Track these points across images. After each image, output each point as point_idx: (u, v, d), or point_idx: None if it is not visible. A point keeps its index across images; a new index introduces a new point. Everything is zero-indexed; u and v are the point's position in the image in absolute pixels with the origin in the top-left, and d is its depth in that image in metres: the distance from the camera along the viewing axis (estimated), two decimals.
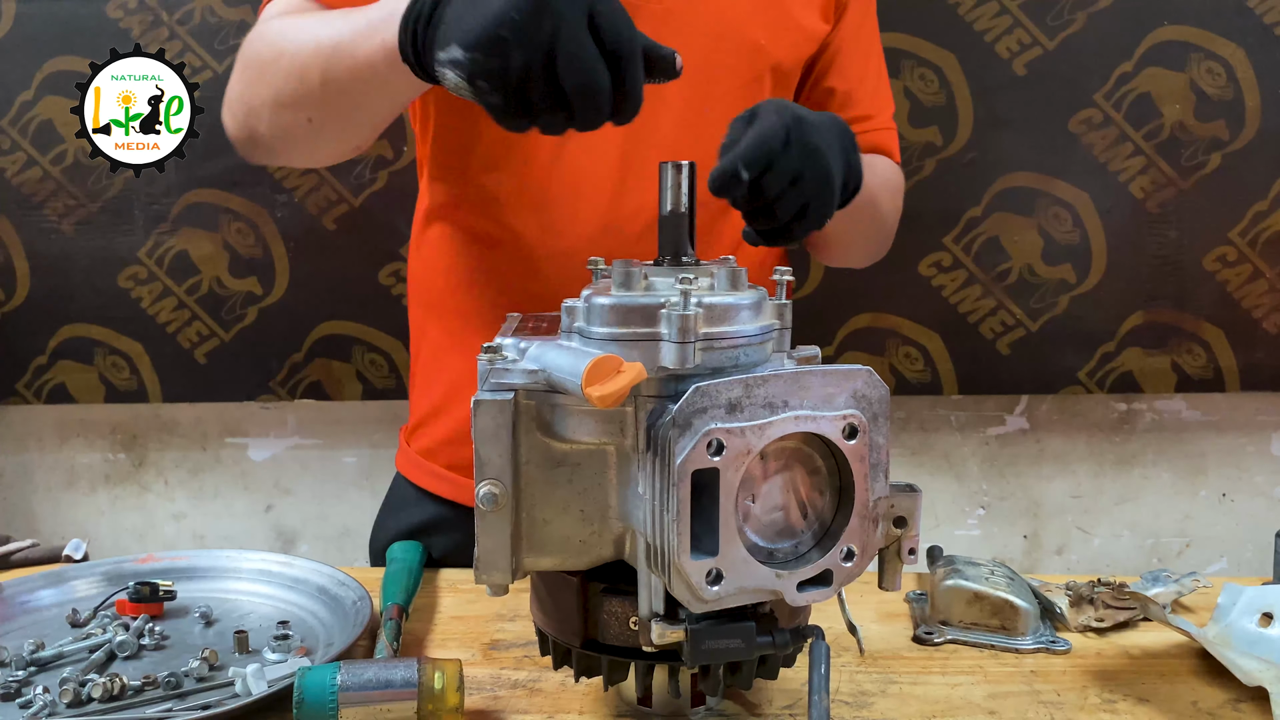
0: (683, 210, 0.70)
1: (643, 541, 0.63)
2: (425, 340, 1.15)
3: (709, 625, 0.62)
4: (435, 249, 1.11)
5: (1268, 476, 1.73)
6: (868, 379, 0.62)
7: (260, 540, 1.75)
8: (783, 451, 0.62)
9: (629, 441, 0.63)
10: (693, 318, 0.60)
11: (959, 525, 1.75)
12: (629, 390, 0.58)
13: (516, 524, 0.65)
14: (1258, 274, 1.58)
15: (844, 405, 0.62)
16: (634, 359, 0.60)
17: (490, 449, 0.63)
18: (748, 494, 0.62)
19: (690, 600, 0.60)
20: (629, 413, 0.63)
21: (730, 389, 0.59)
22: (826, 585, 0.63)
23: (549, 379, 0.62)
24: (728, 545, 0.60)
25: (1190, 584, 0.92)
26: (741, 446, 0.59)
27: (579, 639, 0.69)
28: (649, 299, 0.62)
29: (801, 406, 0.61)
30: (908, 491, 0.66)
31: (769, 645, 0.64)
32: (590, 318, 0.64)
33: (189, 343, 1.62)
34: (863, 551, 0.63)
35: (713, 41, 1.02)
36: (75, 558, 1.03)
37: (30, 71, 1.53)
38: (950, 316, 1.61)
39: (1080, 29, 1.53)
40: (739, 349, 0.63)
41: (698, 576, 0.59)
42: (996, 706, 0.76)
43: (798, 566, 0.62)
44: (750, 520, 0.62)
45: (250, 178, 1.57)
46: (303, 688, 0.68)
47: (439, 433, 1.13)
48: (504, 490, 0.63)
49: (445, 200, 1.10)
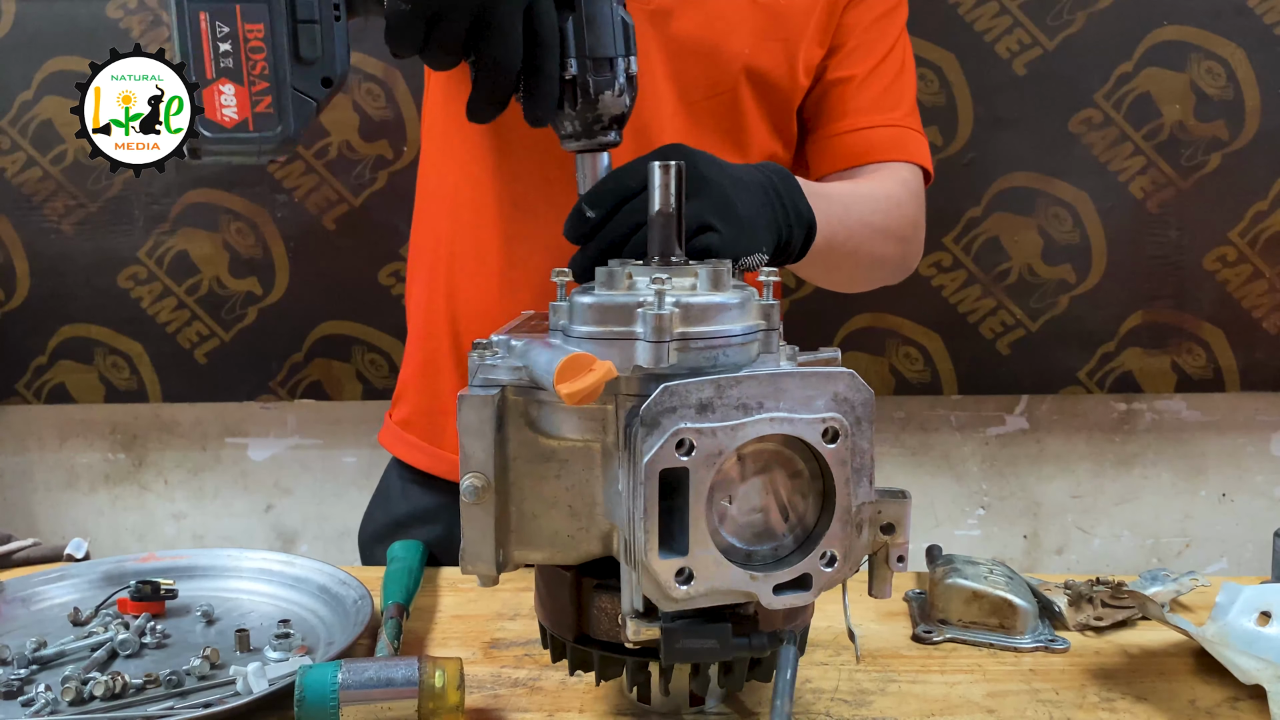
0: (671, 210, 0.70)
1: (622, 538, 0.63)
2: (413, 308, 1.18)
3: (684, 625, 0.62)
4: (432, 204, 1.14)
5: (1268, 476, 1.73)
6: (850, 382, 0.61)
7: (260, 540, 1.75)
8: (762, 454, 0.62)
9: (611, 439, 0.64)
10: (667, 316, 0.60)
11: (959, 525, 1.76)
12: (599, 388, 0.58)
13: (505, 517, 0.65)
14: (1258, 274, 1.59)
15: (824, 408, 0.61)
16: (610, 357, 0.60)
17: (474, 443, 0.63)
18: (724, 495, 0.61)
19: (660, 599, 0.60)
20: (610, 410, 0.63)
21: (701, 389, 0.58)
22: (805, 589, 0.62)
23: (531, 375, 0.63)
24: (698, 545, 0.59)
25: (1188, 583, 0.92)
26: (713, 447, 0.59)
27: (572, 633, 0.69)
28: (627, 298, 0.63)
29: (778, 409, 0.60)
30: (897, 497, 0.65)
31: (745, 647, 0.63)
32: (572, 316, 0.64)
33: (189, 343, 1.62)
34: (845, 557, 0.62)
35: (693, 45, 1.03)
36: (77, 557, 1.03)
37: (30, 71, 1.54)
38: (950, 316, 1.61)
39: (1080, 29, 1.53)
40: (718, 349, 0.63)
41: (666, 575, 0.59)
42: (995, 705, 0.76)
43: (776, 569, 0.62)
44: (727, 522, 0.62)
45: (250, 178, 1.57)
46: (303, 686, 0.68)
47: (416, 402, 1.16)
48: (486, 483, 0.64)
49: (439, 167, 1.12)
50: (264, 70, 0.71)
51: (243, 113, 0.72)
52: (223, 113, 0.72)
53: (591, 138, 0.79)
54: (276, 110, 0.72)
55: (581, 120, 0.78)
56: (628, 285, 0.65)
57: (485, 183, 1.06)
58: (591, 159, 0.80)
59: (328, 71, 0.73)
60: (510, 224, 1.06)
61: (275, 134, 0.72)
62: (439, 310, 1.11)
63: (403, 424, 1.17)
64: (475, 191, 1.07)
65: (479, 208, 1.07)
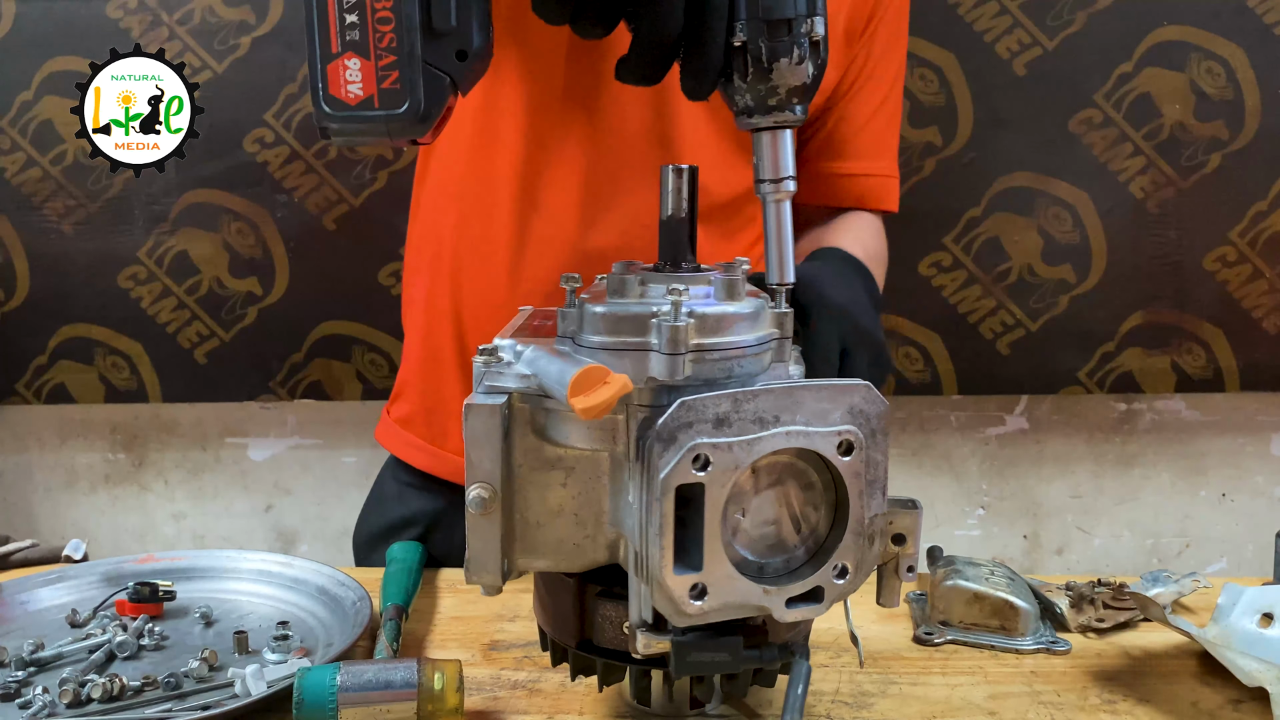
0: (683, 215, 0.68)
1: (632, 550, 0.62)
2: (412, 307, 1.16)
3: (695, 638, 0.61)
4: (430, 204, 1.13)
5: (1268, 476, 1.73)
6: (866, 394, 0.61)
7: (260, 540, 1.75)
8: (775, 466, 0.61)
9: (621, 449, 0.62)
10: (683, 329, 0.59)
11: (959, 525, 1.75)
12: (614, 403, 0.57)
13: (510, 525, 0.64)
14: (1258, 274, 1.58)
15: (839, 421, 0.60)
16: (624, 368, 0.59)
17: (481, 452, 0.62)
18: (738, 508, 0.60)
19: (673, 614, 0.59)
20: (621, 420, 0.62)
21: (718, 404, 0.57)
22: (817, 602, 0.62)
23: (540, 384, 0.62)
24: (712, 561, 0.58)
25: (1190, 584, 0.92)
26: (729, 462, 0.58)
27: (575, 640, 0.68)
28: (640, 308, 0.61)
29: (794, 422, 0.59)
30: (908, 508, 0.64)
31: (755, 660, 0.62)
32: (583, 325, 0.63)
33: (189, 343, 1.62)
34: (856, 568, 0.62)
35: None
36: (75, 558, 1.03)
37: (30, 71, 1.53)
38: (950, 316, 1.61)
39: (1080, 29, 1.53)
40: (733, 360, 0.61)
41: (680, 591, 0.58)
42: (997, 707, 0.76)
43: (789, 582, 0.61)
44: (740, 535, 0.61)
45: (250, 178, 1.57)
46: (302, 688, 0.68)
47: (417, 400, 1.15)
48: (494, 493, 0.62)
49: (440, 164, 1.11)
50: (392, 43, 0.65)
51: (368, 89, 0.65)
52: (347, 89, 0.65)
53: (767, 114, 0.68)
54: (404, 86, 0.65)
55: (754, 94, 0.67)
56: (640, 294, 0.64)
57: (499, 180, 1.04)
58: (770, 138, 0.69)
59: (463, 44, 0.65)
60: (523, 223, 1.04)
61: (403, 111, 0.65)
62: (441, 308, 1.10)
63: (402, 422, 1.17)
64: (485, 188, 1.05)
65: (490, 205, 1.05)
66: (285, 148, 1.56)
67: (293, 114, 1.55)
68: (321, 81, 0.65)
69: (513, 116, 1.02)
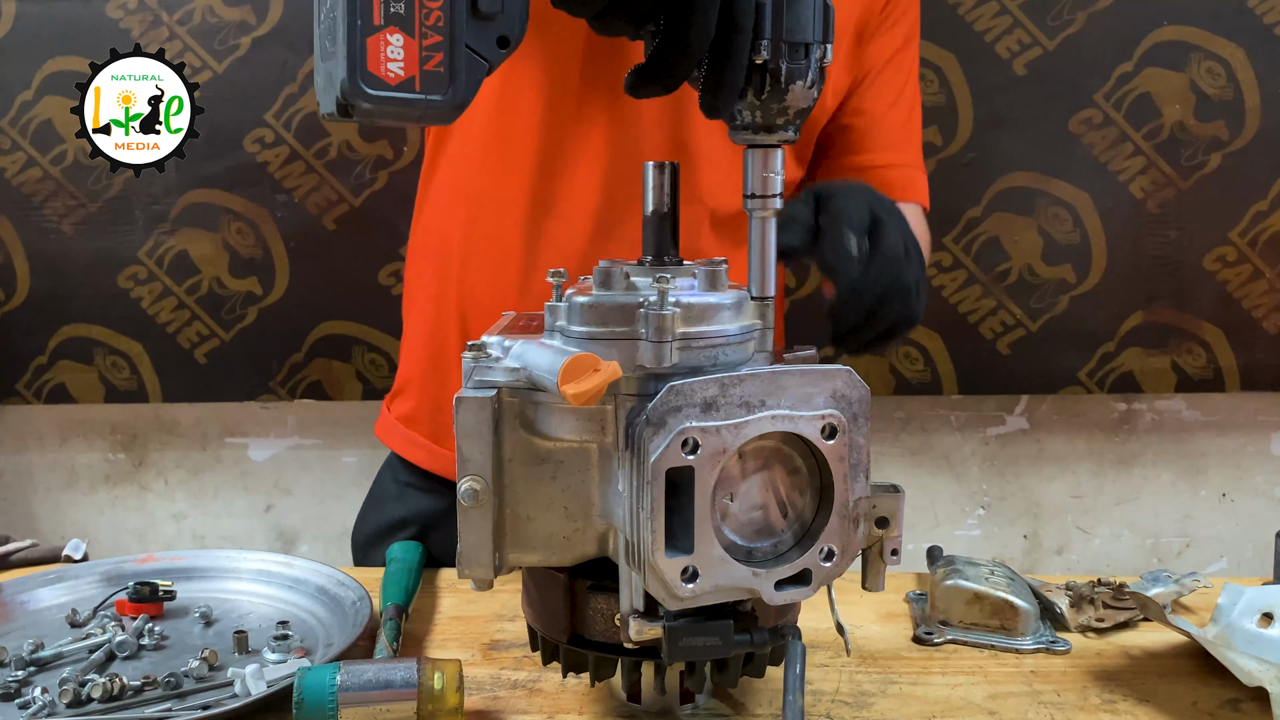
0: (665, 210, 0.70)
1: (622, 539, 0.63)
2: (415, 304, 1.16)
3: (687, 623, 0.62)
4: (437, 201, 1.12)
5: (1268, 476, 1.73)
6: (847, 379, 0.63)
7: (260, 540, 1.75)
8: (762, 451, 0.63)
9: (609, 439, 0.64)
10: (669, 317, 0.61)
11: (959, 525, 1.75)
12: (604, 389, 0.58)
13: (500, 520, 0.65)
14: (1258, 274, 1.58)
15: (823, 405, 0.62)
16: (612, 357, 0.60)
17: (472, 445, 0.63)
18: (726, 493, 0.62)
19: (666, 598, 0.61)
20: (609, 411, 0.63)
21: (706, 388, 0.59)
22: (805, 584, 0.63)
23: (530, 377, 0.63)
24: (703, 543, 0.60)
25: (1190, 584, 0.92)
26: (717, 445, 0.59)
27: (565, 635, 0.69)
28: (627, 298, 0.63)
29: (779, 406, 0.61)
30: (890, 492, 0.66)
31: (747, 644, 0.64)
32: (571, 317, 0.64)
33: (189, 343, 1.62)
34: (843, 552, 0.64)
35: None
36: (75, 558, 1.03)
37: (30, 71, 1.53)
38: (950, 316, 1.61)
39: (1080, 29, 1.53)
40: (717, 348, 0.63)
41: (672, 574, 0.60)
42: (996, 707, 0.76)
43: (777, 565, 0.63)
44: (729, 519, 0.63)
45: (250, 178, 1.57)
46: (302, 688, 0.68)
47: (421, 399, 1.15)
48: (485, 486, 0.64)
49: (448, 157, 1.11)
50: (439, 21, 0.59)
51: (410, 69, 0.59)
52: (387, 67, 0.59)
53: (771, 132, 0.68)
54: (448, 70, 0.59)
55: (764, 111, 0.68)
56: (625, 286, 0.65)
57: (513, 181, 1.04)
58: (763, 155, 0.70)
59: (505, 30, 0.61)
60: (536, 224, 1.04)
61: (443, 99, 0.59)
62: (448, 306, 1.10)
63: (405, 420, 1.16)
64: (499, 188, 1.05)
65: (502, 205, 1.05)
66: (285, 148, 1.56)
67: (293, 114, 1.55)
68: (360, 55, 0.58)
69: (529, 116, 1.03)
